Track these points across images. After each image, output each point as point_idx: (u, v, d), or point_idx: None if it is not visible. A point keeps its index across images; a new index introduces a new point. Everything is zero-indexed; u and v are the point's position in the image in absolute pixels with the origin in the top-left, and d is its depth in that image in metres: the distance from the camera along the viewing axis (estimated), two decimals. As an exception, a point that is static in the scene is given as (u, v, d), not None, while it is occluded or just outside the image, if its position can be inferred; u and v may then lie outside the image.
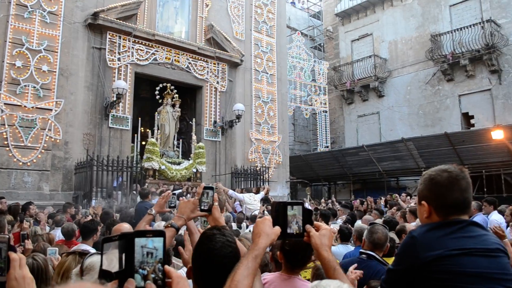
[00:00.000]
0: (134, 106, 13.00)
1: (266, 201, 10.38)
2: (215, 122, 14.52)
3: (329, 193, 21.24)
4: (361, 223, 5.51)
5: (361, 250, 3.39)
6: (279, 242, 2.22)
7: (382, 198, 11.55)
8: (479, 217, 7.08)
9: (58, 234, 5.98)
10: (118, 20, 12.29)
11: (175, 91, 13.25)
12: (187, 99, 14.47)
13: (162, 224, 3.14)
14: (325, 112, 21.41)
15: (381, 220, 5.66)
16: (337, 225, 6.33)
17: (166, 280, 1.12)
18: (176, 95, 13.32)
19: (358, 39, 22.42)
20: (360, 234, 4.11)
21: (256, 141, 15.78)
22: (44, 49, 11.01)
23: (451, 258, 1.55)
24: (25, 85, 10.61)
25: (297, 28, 23.60)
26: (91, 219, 5.63)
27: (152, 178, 11.75)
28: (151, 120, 14.64)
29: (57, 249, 3.62)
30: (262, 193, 10.70)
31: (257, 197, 10.31)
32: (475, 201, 7.65)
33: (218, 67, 14.79)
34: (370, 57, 20.91)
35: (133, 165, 11.36)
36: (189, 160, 12.91)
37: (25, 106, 10.59)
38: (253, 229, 1.64)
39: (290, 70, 19.67)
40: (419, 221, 1.82)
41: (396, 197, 10.79)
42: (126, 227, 3.39)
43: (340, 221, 7.25)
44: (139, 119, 12.37)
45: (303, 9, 26.37)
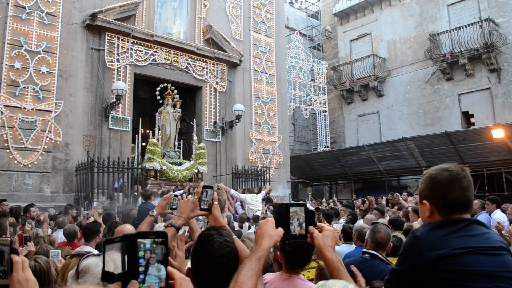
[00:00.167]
0: (134, 107, 12.99)
1: (268, 201, 10.36)
2: (215, 123, 14.52)
3: (330, 192, 21.25)
4: (363, 222, 5.51)
5: (364, 249, 3.39)
6: (280, 242, 2.22)
7: (383, 198, 11.55)
8: (482, 215, 7.08)
9: (60, 236, 5.98)
10: (116, 21, 12.27)
11: (175, 91, 13.24)
12: (187, 99, 14.46)
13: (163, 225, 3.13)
14: (325, 112, 21.42)
15: (383, 220, 5.65)
16: (340, 225, 6.32)
17: (169, 281, 1.12)
18: (177, 95, 13.31)
19: (356, 39, 22.44)
20: (361, 234, 4.11)
21: (256, 141, 15.78)
22: (42, 51, 11.00)
23: (455, 257, 1.55)
24: (24, 87, 10.60)
25: (296, 28, 23.63)
26: (93, 220, 5.62)
27: (154, 179, 11.73)
28: (151, 121, 14.62)
29: (59, 251, 3.61)
30: (263, 193, 10.67)
31: (258, 197, 10.28)
32: (479, 199, 7.65)
33: (217, 67, 14.78)
34: (369, 56, 20.94)
35: (134, 166, 11.34)
36: (190, 160, 12.91)
37: (24, 108, 10.57)
38: (256, 230, 1.64)
39: (289, 70, 19.69)
40: (421, 220, 1.82)
41: (398, 196, 10.79)
42: (128, 228, 3.38)
43: (343, 221, 7.25)
44: (140, 119, 12.35)
45: (301, 9, 26.40)
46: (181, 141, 13.75)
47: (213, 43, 14.55)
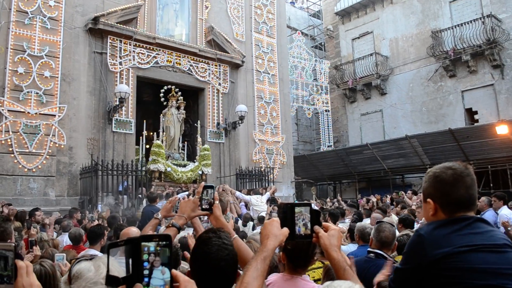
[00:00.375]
0: (137, 109, 13.02)
1: (273, 202, 10.34)
2: (218, 124, 14.52)
3: (334, 192, 21.20)
4: (369, 221, 5.49)
5: (369, 249, 3.38)
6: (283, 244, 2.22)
7: (388, 196, 11.52)
8: (489, 212, 7.04)
9: (64, 239, 6.00)
10: (118, 24, 12.31)
11: (179, 93, 13.25)
12: (190, 101, 14.47)
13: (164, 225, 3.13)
14: (327, 111, 21.39)
15: (388, 219, 5.63)
16: (346, 224, 6.31)
17: (174, 284, 1.12)
18: (181, 97, 13.32)
19: (358, 37, 22.41)
20: (363, 234, 4.11)
21: (259, 142, 15.77)
22: (45, 55, 11.05)
23: (460, 255, 1.54)
24: (28, 91, 10.65)
25: (297, 28, 23.60)
26: (97, 223, 5.63)
27: (158, 180, 11.76)
28: (154, 124, 14.65)
29: (64, 255, 3.61)
30: (267, 194, 10.65)
31: (263, 198, 10.26)
32: (486, 196, 7.62)
33: (219, 68, 14.79)
34: (371, 55, 20.90)
35: (138, 168, 11.35)
36: (194, 162, 12.91)
37: (28, 112, 10.62)
38: (261, 230, 1.64)
39: (291, 70, 19.67)
40: (425, 219, 1.82)
41: (402, 194, 10.77)
42: (134, 231, 3.39)
43: (348, 220, 7.23)
44: (144, 121, 12.37)
45: (302, 8, 26.37)
46: (185, 142, 13.77)
47: (215, 44, 14.56)
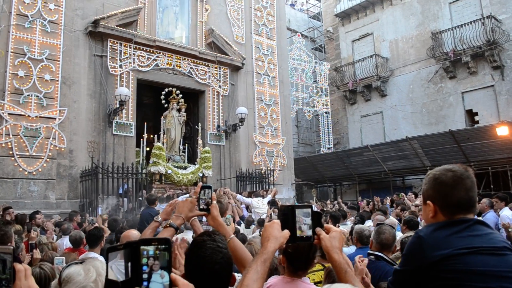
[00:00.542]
0: (137, 112, 13.02)
1: (273, 204, 10.30)
2: (218, 126, 14.52)
3: (335, 194, 21.19)
4: (371, 223, 5.48)
5: (369, 251, 3.38)
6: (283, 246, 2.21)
7: (388, 198, 11.51)
8: (490, 214, 7.03)
9: (65, 242, 5.99)
10: (118, 27, 12.33)
11: (180, 95, 13.25)
12: (190, 104, 14.46)
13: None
14: (327, 113, 21.39)
15: (389, 220, 5.61)
16: (347, 226, 6.29)
17: None
18: (182, 99, 13.32)
19: (358, 39, 22.43)
20: (361, 236, 4.12)
21: (260, 144, 15.76)
22: (45, 58, 11.06)
23: (459, 257, 1.54)
24: (28, 95, 10.66)
25: (297, 30, 23.63)
26: (95, 226, 5.63)
27: (159, 183, 11.76)
28: (154, 126, 14.64)
29: (64, 258, 3.61)
30: (269, 196, 10.59)
31: (265, 200, 10.23)
32: (487, 198, 7.61)
33: (219, 71, 14.80)
34: (371, 56, 20.91)
35: (138, 171, 11.35)
36: (195, 164, 12.91)
37: (29, 116, 10.63)
38: (262, 233, 1.64)
39: (291, 72, 19.68)
40: (424, 220, 1.82)
41: (403, 196, 10.76)
42: (134, 233, 3.39)
43: (350, 222, 7.22)
44: (145, 124, 12.38)
45: (302, 10, 26.40)
46: (186, 145, 13.76)
47: (215, 47, 14.57)
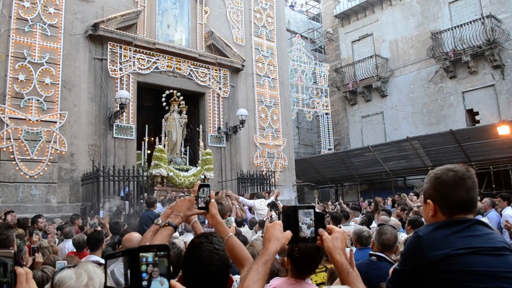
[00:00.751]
0: (138, 115, 13.02)
1: (273, 207, 10.26)
2: (219, 128, 14.53)
3: (336, 195, 21.17)
4: (376, 223, 5.46)
5: (370, 252, 3.37)
6: (286, 247, 2.20)
7: (389, 199, 11.49)
8: (492, 213, 7.03)
9: (67, 246, 5.98)
10: (118, 30, 12.35)
11: (181, 97, 13.26)
12: (190, 106, 14.47)
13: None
14: (327, 114, 21.40)
15: (393, 221, 5.60)
16: (350, 227, 6.28)
17: None
18: (183, 101, 13.32)
19: (358, 40, 22.43)
20: (360, 237, 4.11)
21: (261, 146, 15.76)
22: (46, 62, 11.08)
23: (458, 257, 1.53)
24: (28, 99, 10.67)
25: (297, 31, 23.64)
26: (94, 229, 5.62)
27: (161, 185, 11.76)
28: (155, 129, 14.65)
29: (65, 262, 3.61)
30: (272, 198, 10.52)
31: (267, 202, 10.19)
32: (489, 197, 7.61)
33: (219, 73, 14.81)
34: (371, 57, 20.90)
35: (139, 174, 11.35)
36: (196, 166, 12.91)
37: (29, 120, 10.64)
38: (263, 234, 1.63)
39: (291, 74, 19.69)
40: (424, 220, 1.81)
41: (404, 196, 10.74)
42: (136, 236, 3.40)
43: (353, 223, 7.20)
44: (147, 126, 12.38)
45: (302, 12, 26.41)
46: (188, 147, 13.76)
47: (215, 49, 14.58)
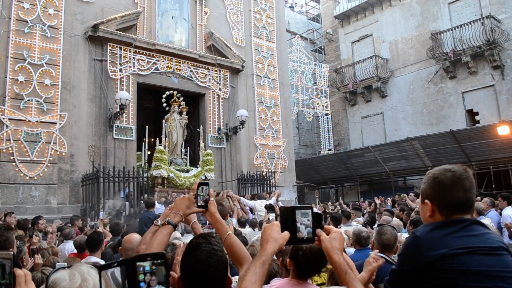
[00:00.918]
0: (138, 116, 13.02)
1: (270, 209, 10.17)
2: (219, 129, 14.53)
3: (336, 195, 21.17)
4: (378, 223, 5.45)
5: (370, 252, 3.36)
6: (288, 248, 2.19)
7: (390, 199, 11.49)
8: (492, 213, 7.02)
9: (67, 247, 5.97)
10: (118, 31, 12.35)
11: (181, 98, 13.25)
12: (190, 107, 14.46)
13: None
14: (327, 115, 21.40)
15: (395, 222, 5.60)
16: (351, 227, 6.27)
17: None
18: (183, 102, 13.32)
19: (358, 41, 22.44)
20: (359, 238, 4.11)
21: (261, 146, 15.76)
22: (45, 63, 11.08)
23: (456, 257, 1.54)
24: (28, 100, 10.67)
25: (297, 32, 23.65)
26: (94, 230, 5.61)
27: (161, 186, 11.76)
28: (155, 130, 14.65)
29: (65, 263, 3.60)
30: (273, 199, 10.45)
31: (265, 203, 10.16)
32: (488, 197, 7.61)
33: (219, 74, 14.81)
34: (371, 57, 20.91)
35: (140, 175, 11.34)
36: (197, 167, 12.91)
37: (29, 121, 10.64)
38: (261, 234, 1.63)
39: (291, 74, 19.70)
40: (422, 220, 1.81)
41: (405, 196, 10.74)
42: (136, 237, 3.39)
43: (355, 223, 7.20)
44: (147, 127, 12.38)
45: (302, 12, 26.44)
46: (188, 148, 13.76)
47: (215, 49, 14.59)
